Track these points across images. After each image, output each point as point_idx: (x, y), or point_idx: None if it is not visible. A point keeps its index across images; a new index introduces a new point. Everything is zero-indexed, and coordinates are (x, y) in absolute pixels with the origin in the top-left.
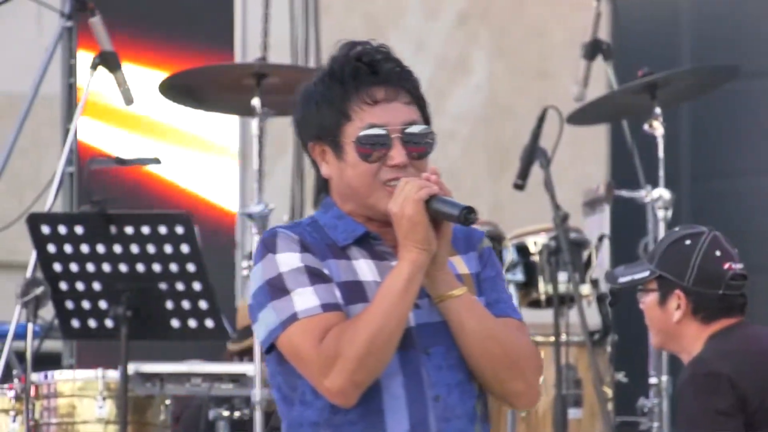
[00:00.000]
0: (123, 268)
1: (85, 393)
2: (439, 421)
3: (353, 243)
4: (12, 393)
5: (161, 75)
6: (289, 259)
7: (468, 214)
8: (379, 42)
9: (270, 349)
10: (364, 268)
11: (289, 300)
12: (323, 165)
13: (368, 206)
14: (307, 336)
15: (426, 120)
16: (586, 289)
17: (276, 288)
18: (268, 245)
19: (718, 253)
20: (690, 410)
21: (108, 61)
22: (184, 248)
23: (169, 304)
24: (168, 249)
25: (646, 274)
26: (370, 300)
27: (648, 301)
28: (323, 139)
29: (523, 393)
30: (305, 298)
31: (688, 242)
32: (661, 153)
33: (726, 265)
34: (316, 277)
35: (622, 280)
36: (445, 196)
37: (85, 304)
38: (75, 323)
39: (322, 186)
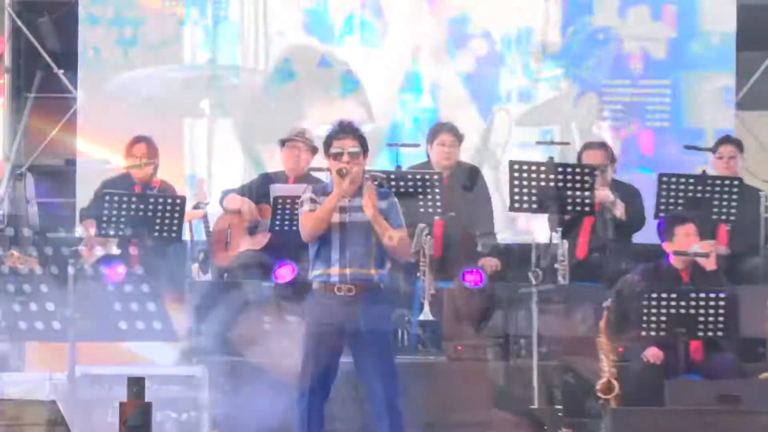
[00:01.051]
0: (71, 270)
1: (32, 395)
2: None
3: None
4: None
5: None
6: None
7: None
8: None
9: None
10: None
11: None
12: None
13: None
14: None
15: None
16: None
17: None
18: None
19: None
20: None
21: (56, 62)
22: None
23: (117, 306)
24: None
25: None
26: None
27: None
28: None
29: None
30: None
31: None
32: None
33: None
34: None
35: None
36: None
37: (33, 306)
38: (22, 325)
39: None
